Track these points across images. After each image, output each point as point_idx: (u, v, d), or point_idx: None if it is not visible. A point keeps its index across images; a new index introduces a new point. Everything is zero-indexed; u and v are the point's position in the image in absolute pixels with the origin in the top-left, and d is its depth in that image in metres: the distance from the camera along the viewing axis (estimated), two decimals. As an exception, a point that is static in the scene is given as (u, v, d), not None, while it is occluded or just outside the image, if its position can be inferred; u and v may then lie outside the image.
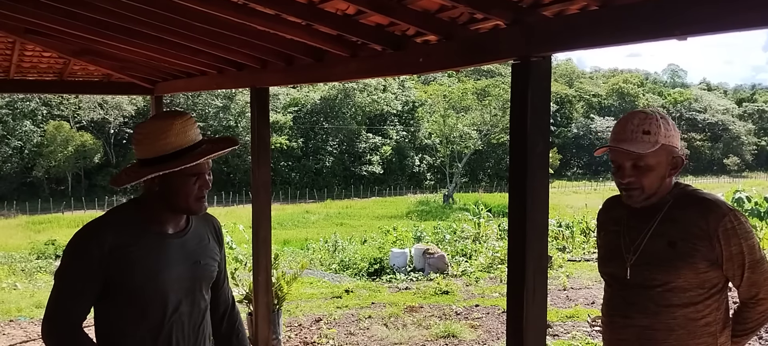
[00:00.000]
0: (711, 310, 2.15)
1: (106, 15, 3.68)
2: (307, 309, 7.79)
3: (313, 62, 3.83)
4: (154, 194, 2.00)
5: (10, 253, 21.29)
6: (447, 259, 11.80)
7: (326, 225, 34.68)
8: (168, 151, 1.95)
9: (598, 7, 2.03)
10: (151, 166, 1.94)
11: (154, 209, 2.03)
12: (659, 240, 2.16)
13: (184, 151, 1.97)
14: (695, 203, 2.16)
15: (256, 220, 4.88)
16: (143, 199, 2.05)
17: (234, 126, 55.31)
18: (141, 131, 2.01)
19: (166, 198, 2.00)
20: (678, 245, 2.11)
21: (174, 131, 1.96)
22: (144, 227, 2.01)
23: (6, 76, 6.38)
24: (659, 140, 2.13)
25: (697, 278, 2.11)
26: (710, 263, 2.10)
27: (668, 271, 2.12)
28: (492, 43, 2.48)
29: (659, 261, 2.14)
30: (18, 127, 49.84)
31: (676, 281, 2.12)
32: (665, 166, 2.16)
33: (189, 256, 2.08)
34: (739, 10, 1.62)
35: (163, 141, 1.95)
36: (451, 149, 54.37)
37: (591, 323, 6.96)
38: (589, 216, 17.84)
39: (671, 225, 2.15)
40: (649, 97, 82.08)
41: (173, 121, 1.99)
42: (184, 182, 1.98)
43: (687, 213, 2.14)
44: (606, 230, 2.41)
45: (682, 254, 2.10)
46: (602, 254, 2.43)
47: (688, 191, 2.22)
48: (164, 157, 1.95)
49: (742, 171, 76.51)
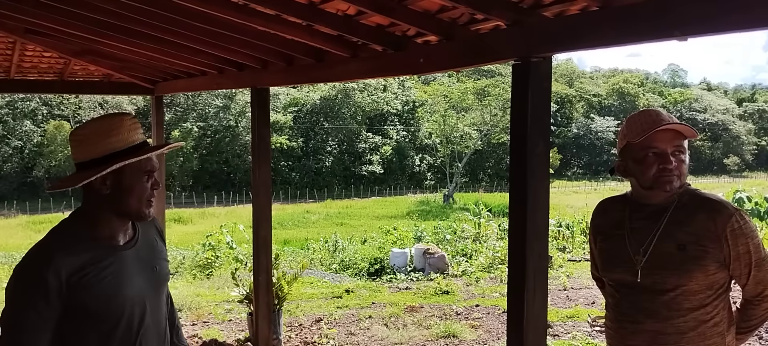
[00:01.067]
0: (718, 310, 2.15)
1: (106, 15, 3.68)
2: (308, 309, 7.79)
3: (314, 62, 3.83)
4: (101, 198, 1.85)
5: (11, 253, 21.29)
6: (447, 259, 11.79)
7: (326, 225, 34.68)
8: (121, 147, 1.84)
9: (598, 7, 2.04)
10: (106, 163, 1.81)
11: (101, 220, 1.88)
12: (668, 242, 2.14)
13: (136, 147, 1.87)
14: (701, 204, 2.15)
15: (256, 220, 4.89)
16: (87, 211, 1.89)
17: (234, 126, 55.35)
18: (88, 130, 1.88)
19: (115, 201, 1.85)
20: (688, 248, 2.10)
21: (126, 127, 1.86)
22: (94, 242, 1.85)
23: (6, 76, 6.39)
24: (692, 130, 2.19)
25: (706, 279, 2.11)
26: (719, 265, 2.11)
27: (680, 274, 2.11)
28: (492, 44, 2.48)
29: (670, 264, 2.13)
30: (18, 127, 49.87)
31: (688, 284, 2.11)
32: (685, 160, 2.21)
33: (145, 264, 1.98)
34: (738, 11, 1.62)
35: (115, 137, 1.84)
36: (452, 149, 54.38)
37: (591, 323, 6.96)
38: (589, 216, 17.83)
39: (678, 227, 2.14)
40: (649, 97, 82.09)
41: (123, 119, 1.89)
42: (137, 180, 1.86)
43: (694, 215, 2.13)
44: (605, 235, 2.35)
45: (693, 256, 2.10)
46: (605, 259, 2.36)
47: (691, 191, 2.21)
48: (117, 154, 1.83)
49: (742, 171, 76.52)
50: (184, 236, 22.81)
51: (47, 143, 49.45)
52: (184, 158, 51.30)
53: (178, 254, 14.18)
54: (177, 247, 17.12)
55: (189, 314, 7.32)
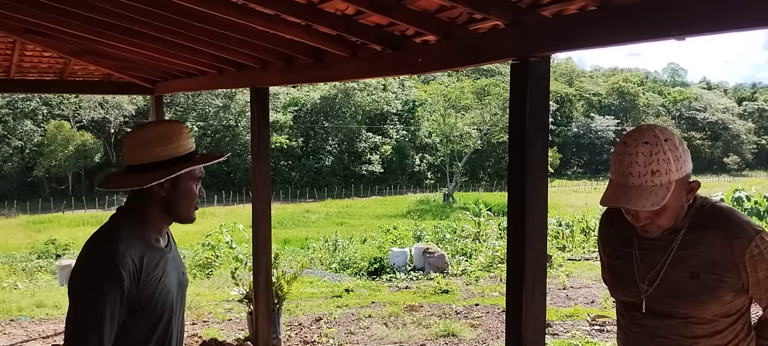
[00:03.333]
0: (736, 333, 1.99)
1: (106, 15, 3.69)
2: (308, 308, 7.80)
3: (313, 62, 3.84)
4: (157, 200, 1.91)
5: (11, 252, 21.32)
6: (447, 258, 11.79)
7: (326, 224, 34.67)
8: (181, 153, 1.92)
9: (597, 7, 2.04)
10: (168, 168, 1.88)
11: (151, 221, 1.94)
12: (680, 270, 1.95)
13: (191, 154, 1.95)
14: (717, 226, 1.93)
15: (256, 219, 4.89)
16: (137, 211, 1.93)
17: (234, 125, 55.34)
18: (148, 133, 1.92)
19: (169, 204, 1.93)
20: (702, 277, 1.92)
21: (184, 135, 1.94)
22: (147, 241, 1.92)
23: (6, 76, 6.40)
24: (672, 179, 1.85)
25: (722, 309, 1.94)
26: (736, 293, 1.92)
27: (693, 306, 1.94)
28: (491, 44, 2.49)
29: (681, 294, 1.95)
30: (18, 126, 49.85)
31: (700, 315, 1.95)
32: (682, 198, 1.93)
33: (177, 267, 2.06)
34: (736, 10, 1.62)
35: (176, 143, 1.91)
36: (451, 148, 54.38)
37: (591, 322, 6.97)
38: (589, 215, 17.84)
39: (692, 252, 1.94)
40: (649, 96, 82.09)
41: (182, 126, 1.96)
42: (191, 185, 1.95)
43: (709, 238, 1.92)
44: (613, 250, 2.18)
45: (707, 288, 1.91)
46: (612, 277, 2.20)
47: (707, 209, 1.98)
48: (178, 159, 1.91)
49: (742, 170, 76.50)
50: (184, 236, 22.81)
51: (47, 143, 49.43)
52: (184, 158, 51.26)
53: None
54: (177, 246, 17.09)
55: (189, 314, 7.33)
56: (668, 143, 1.86)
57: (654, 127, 1.92)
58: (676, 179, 1.86)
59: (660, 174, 1.84)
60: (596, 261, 12.02)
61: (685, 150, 1.90)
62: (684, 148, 1.90)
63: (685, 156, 1.89)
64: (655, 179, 1.84)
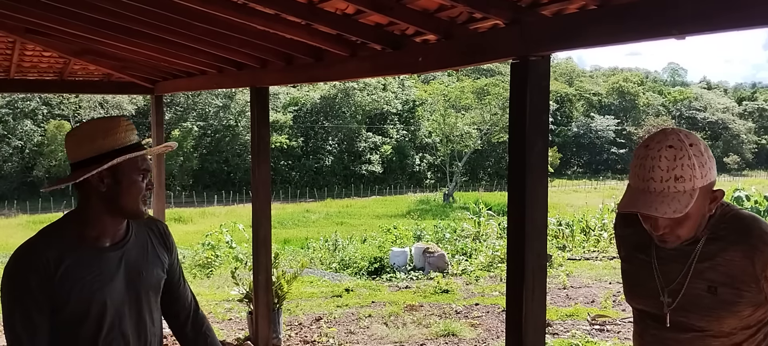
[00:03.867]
0: (757, 343, 1.89)
1: (106, 15, 3.69)
2: (308, 308, 7.80)
3: (313, 61, 3.84)
4: (97, 196, 1.86)
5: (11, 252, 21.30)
6: (447, 258, 11.79)
7: (326, 224, 34.66)
8: (118, 146, 1.86)
9: (597, 6, 2.04)
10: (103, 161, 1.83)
11: (92, 219, 1.89)
12: (698, 283, 1.86)
13: (132, 147, 1.90)
14: (738, 237, 1.82)
15: (256, 219, 4.89)
16: (80, 211, 1.90)
17: (234, 125, 55.32)
18: (84, 130, 1.91)
19: (112, 199, 1.87)
20: (719, 291, 1.82)
21: (122, 128, 1.90)
22: (79, 241, 1.87)
23: (6, 76, 6.40)
24: (696, 186, 1.73)
25: (741, 322, 1.84)
26: (756, 307, 1.83)
27: (709, 320, 1.85)
28: (491, 43, 2.49)
29: (699, 308, 1.86)
30: (18, 126, 49.86)
31: (718, 329, 1.86)
32: (704, 207, 1.81)
33: (131, 268, 1.95)
34: (736, 9, 1.62)
35: (112, 137, 1.87)
36: (451, 148, 54.36)
37: (591, 322, 6.97)
38: (589, 215, 17.84)
39: (711, 265, 1.84)
40: (649, 96, 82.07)
41: (119, 120, 1.93)
42: (133, 178, 1.88)
43: (729, 251, 1.82)
44: (628, 255, 2.07)
45: (724, 302, 1.82)
46: (628, 282, 2.08)
47: (728, 218, 1.87)
48: (114, 152, 1.86)
49: (742, 169, 76.48)
50: (184, 236, 22.82)
51: (47, 143, 49.43)
52: (184, 158, 51.29)
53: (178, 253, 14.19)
54: (177, 246, 17.10)
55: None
56: (693, 148, 1.75)
57: (678, 130, 1.81)
58: (701, 186, 1.74)
59: (684, 180, 1.72)
60: (596, 261, 12.03)
61: (710, 157, 1.80)
62: (709, 155, 1.79)
63: (710, 163, 1.79)
64: (678, 186, 1.72)
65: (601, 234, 15.28)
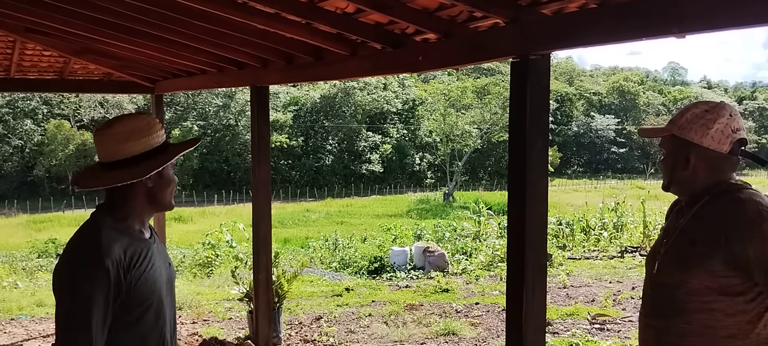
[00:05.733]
0: (737, 322, 1.93)
1: (106, 14, 3.69)
2: (308, 307, 7.80)
3: (313, 61, 3.84)
4: (144, 191, 1.92)
5: (11, 252, 21.29)
6: (447, 257, 11.79)
7: (326, 223, 34.67)
8: (158, 143, 1.94)
9: (597, 5, 2.04)
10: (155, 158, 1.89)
11: (132, 214, 1.93)
12: (684, 237, 2.04)
13: (166, 144, 1.98)
14: (727, 203, 1.98)
15: (256, 218, 4.90)
16: (121, 204, 1.92)
17: (234, 125, 55.30)
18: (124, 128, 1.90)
19: (154, 194, 1.94)
20: (697, 245, 1.98)
21: (158, 127, 1.95)
22: (131, 235, 1.91)
23: (6, 75, 6.40)
24: (671, 129, 2.06)
25: (714, 281, 1.92)
26: (727, 266, 1.91)
27: (682, 269, 1.99)
28: (491, 42, 2.49)
29: (678, 260, 2.03)
30: (19, 126, 49.85)
31: (690, 282, 1.96)
32: (676, 157, 2.06)
33: (164, 258, 2.07)
34: (736, 8, 1.62)
35: (154, 135, 1.92)
36: (452, 147, 54.35)
37: (591, 321, 6.97)
38: (589, 214, 17.83)
39: (696, 222, 2.02)
40: (649, 95, 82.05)
41: (155, 119, 1.99)
42: (172, 175, 2.00)
43: (714, 211, 1.98)
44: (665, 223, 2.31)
45: (699, 254, 1.96)
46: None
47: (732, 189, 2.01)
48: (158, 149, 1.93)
49: (743, 169, 76.41)
50: (184, 235, 22.83)
51: (47, 142, 49.42)
52: (184, 157, 51.32)
53: (178, 252, 14.19)
54: (177, 246, 17.13)
55: (189, 313, 7.33)
56: (704, 111, 2.01)
57: (726, 105, 2.04)
58: (676, 132, 2.05)
59: (675, 120, 2.06)
60: (596, 260, 12.03)
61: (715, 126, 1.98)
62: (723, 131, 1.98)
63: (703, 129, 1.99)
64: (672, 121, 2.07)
65: (601, 233, 15.28)
